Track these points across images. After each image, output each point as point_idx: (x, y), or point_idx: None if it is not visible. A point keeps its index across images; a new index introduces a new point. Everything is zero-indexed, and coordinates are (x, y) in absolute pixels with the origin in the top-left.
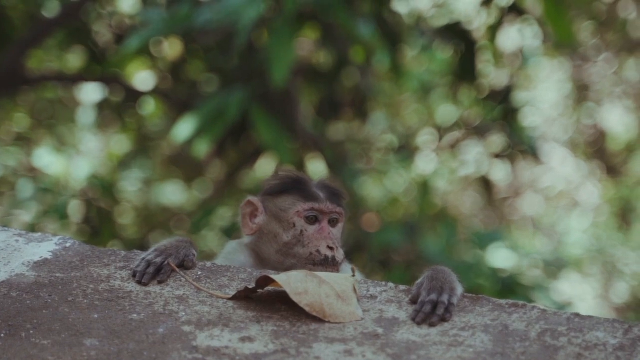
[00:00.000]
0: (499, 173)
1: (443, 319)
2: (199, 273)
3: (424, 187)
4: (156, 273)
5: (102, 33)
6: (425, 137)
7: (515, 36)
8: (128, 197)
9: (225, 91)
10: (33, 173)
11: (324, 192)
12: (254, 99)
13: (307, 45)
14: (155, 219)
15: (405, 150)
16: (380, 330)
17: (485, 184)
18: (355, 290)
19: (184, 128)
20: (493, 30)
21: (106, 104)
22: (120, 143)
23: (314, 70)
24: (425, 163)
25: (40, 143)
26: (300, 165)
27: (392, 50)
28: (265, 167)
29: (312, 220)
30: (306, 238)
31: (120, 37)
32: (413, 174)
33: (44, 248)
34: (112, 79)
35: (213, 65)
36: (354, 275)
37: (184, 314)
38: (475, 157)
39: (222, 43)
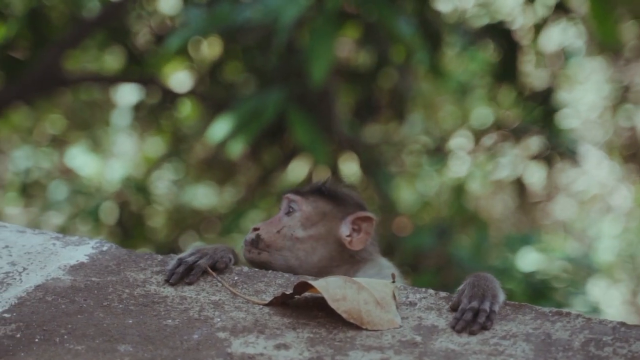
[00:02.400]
0: (534, 176)
1: (484, 327)
2: (236, 278)
3: (457, 190)
4: (186, 273)
5: (142, 34)
6: (460, 139)
7: (558, 36)
8: (160, 199)
9: (262, 91)
10: (67, 175)
11: (304, 186)
12: (292, 99)
13: (346, 45)
14: (187, 221)
15: (440, 153)
16: (418, 338)
17: (520, 187)
18: (394, 296)
19: (220, 128)
20: (537, 29)
21: (142, 105)
22: (155, 145)
23: (352, 71)
24: (460, 166)
25: (75, 144)
26: (335, 167)
27: (433, 50)
28: (298, 169)
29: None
30: None
31: (159, 38)
32: (446, 176)
33: (80, 252)
34: (149, 80)
35: (252, 66)
36: (393, 282)
37: (219, 319)
38: (511, 159)
39: (261, 43)
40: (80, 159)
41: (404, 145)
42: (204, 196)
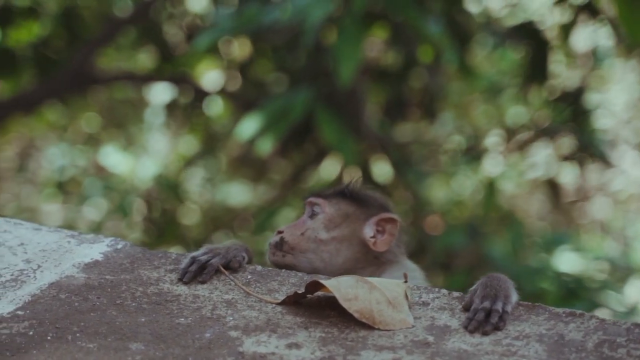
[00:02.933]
0: (568, 176)
1: (497, 328)
2: (249, 277)
3: (490, 189)
4: (199, 272)
5: (173, 32)
6: (493, 139)
7: (589, 36)
8: (193, 197)
9: (290, 90)
10: (101, 172)
11: (326, 189)
12: (320, 98)
13: (375, 44)
14: (220, 219)
15: (473, 152)
16: (430, 338)
17: (553, 187)
18: (406, 296)
19: (248, 126)
20: (566, 30)
21: (175, 104)
22: (188, 143)
23: (381, 70)
24: (492, 165)
25: (109, 142)
26: (366, 166)
27: (462, 50)
28: (329, 168)
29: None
30: None
31: (190, 37)
32: (479, 175)
33: (95, 249)
34: (181, 79)
35: (281, 65)
36: (406, 282)
37: (231, 318)
38: (544, 159)
39: (289, 42)
40: (113, 157)
41: (435, 145)
42: (237, 194)
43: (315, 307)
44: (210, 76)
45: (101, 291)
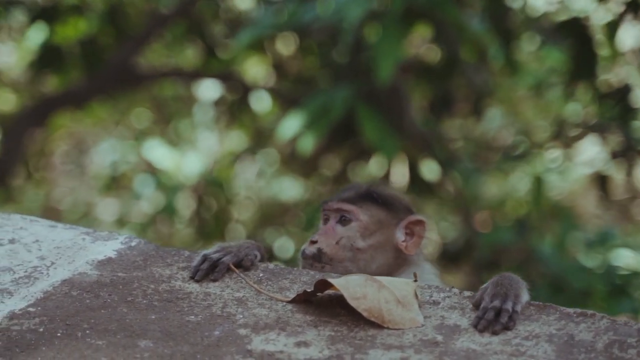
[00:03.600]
0: (618, 172)
1: (506, 328)
2: (261, 275)
3: (538, 186)
4: (210, 270)
5: (218, 29)
6: (541, 135)
7: (636, 34)
8: (242, 193)
9: (331, 88)
10: (148, 169)
11: (348, 193)
12: (361, 96)
13: (419, 41)
14: (270, 215)
15: (521, 148)
16: (439, 338)
17: (603, 183)
18: (416, 295)
19: (290, 124)
20: (612, 27)
21: (222, 100)
22: (236, 139)
23: (426, 67)
24: (541, 161)
25: (157, 138)
26: (412, 164)
27: (506, 47)
28: (377, 164)
29: (326, 220)
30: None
31: (235, 33)
32: (528, 172)
33: (109, 247)
34: (228, 76)
35: (324, 62)
36: (415, 280)
37: (241, 316)
38: (593, 156)
39: (330, 39)
40: (159, 153)
41: (484, 141)
42: (288, 189)
43: (326, 306)
44: (256, 73)
45: (113, 288)
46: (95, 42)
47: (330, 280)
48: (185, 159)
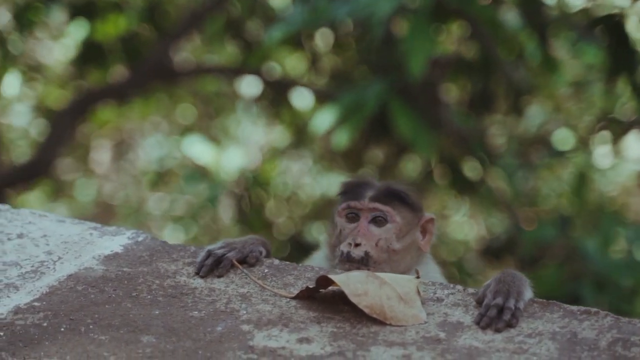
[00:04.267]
0: None
1: (509, 325)
2: (266, 271)
3: (581, 182)
4: (215, 265)
5: (254, 25)
6: (583, 131)
7: None
8: (285, 189)
9: (365, 83)
10: (189, 164)
11: (374, 191)
12: (395, 91)
13: (455, 37)
14: (315, 210)
15: (563, 145)
16: (442, 335)
17: None
18: (418, 292)
19: (324, 119)
20: None
21: (263, 96)
22: (279, 135)
23: (464, 63)
24: (584, 157)
25: (199, 135)
26: (452, 161)
27: (542, 43)
28: (416, 161)
29: (352, 219)
30: (342, 236)
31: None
32: (571, 168)
33: (116, 242)
34: (267, 72)
35: (361, 57)
36: (418, 277)
37: (244, 312)
38: (635, 152)
39: (362, 35)
40: (200, 149)
41: (525, 138)
42: (333, 185)
43: (329, 302)
44: (294, 69)
45: (118, 283)
46: (135, 39)
47: (331, 276)
48: (226, 155)
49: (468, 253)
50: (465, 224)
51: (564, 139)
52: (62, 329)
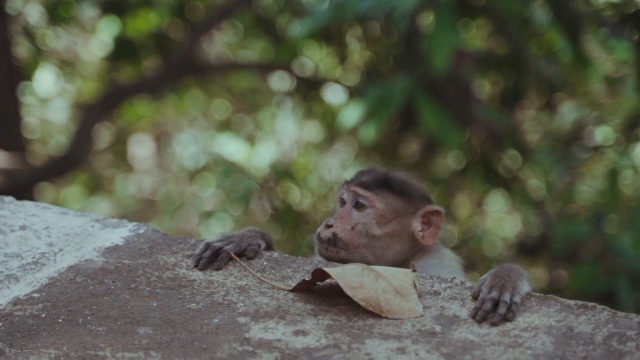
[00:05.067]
0: None
1: (505, 319)
2: (265, 263)
3: (617, 178)
4: (213, 258)
5: (284, 20)
6: (618, 127)
7: None
8: (321, 185)
9: (391, 77)
10: (223, 160)
11: (365, 177)
12: (422, 86)
13: (485, 33)
14: None
15: (598, 141)
16: (438, 328)
17: None
18: (415, 285)
19: (351, 114)
20: None
21: (295, 91)
22: (312, 130)
23: (495, 59)
24: (619, 153)
25: (231, 131)
26: (485, 156)
27: (573, 40)
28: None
29: (342, 203)
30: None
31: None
32: (605, 164)
33: (117, 234)
34: (298, 67)
35: (388, 52)
36: (414, 271)
37: (242, 304)
38: None
39: (387, 30)
40: (232, 145)
41: (559, 134)
42: None
43: (327, 295)
44: (324, 64)
45: (117, 275)
46: (167, 34)
47: (326, 269)
48: (258, 150)
49: (507, 249)
50: (503, 220)
51: (598, 135)
52: (60, 320)
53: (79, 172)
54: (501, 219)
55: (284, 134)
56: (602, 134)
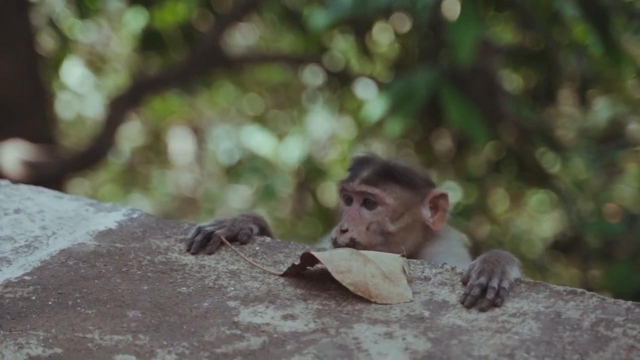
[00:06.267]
0: None
1: (494, 304)
2: (257, 248)
3: None
4: (205, 242)
5: (310, 11)
6: None
7: None
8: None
9: (416, 70)
10: (253, 155)
11: (368, 172)
12: (447, 79)
13: (514, 26)
14: None
15: (632, 138)
16: (426, 313)
17: None
18: (404, 270)
19: (376, 107)
20: None
21: (327, 85)
22: (345, 125)
23: (525, 53)
24: None
25: (261, 125)
26: (517, 152)
27: (603, 33)
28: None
29: (348, 201)
30: (341, 218)
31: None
32: (634, 161)
33: (110, 218)
34: (328, 61)
35: (414, 45)
36: (403, 255)
37: (232, 289)
38: None
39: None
40: (260, 139)
41: (593, 130)
42: None
43: (317, 280)
44: (357, 58)
45: (109, 259)
46: (194, 26)
47: (314, 253)
48: (289, 145)
49: (543, 248)
50: (541, 219)
51: (634, 132)
52: (50, 303)
53: (106, 165)
54: (538, 218)
55: (316, 129)
56: (638, 131)
